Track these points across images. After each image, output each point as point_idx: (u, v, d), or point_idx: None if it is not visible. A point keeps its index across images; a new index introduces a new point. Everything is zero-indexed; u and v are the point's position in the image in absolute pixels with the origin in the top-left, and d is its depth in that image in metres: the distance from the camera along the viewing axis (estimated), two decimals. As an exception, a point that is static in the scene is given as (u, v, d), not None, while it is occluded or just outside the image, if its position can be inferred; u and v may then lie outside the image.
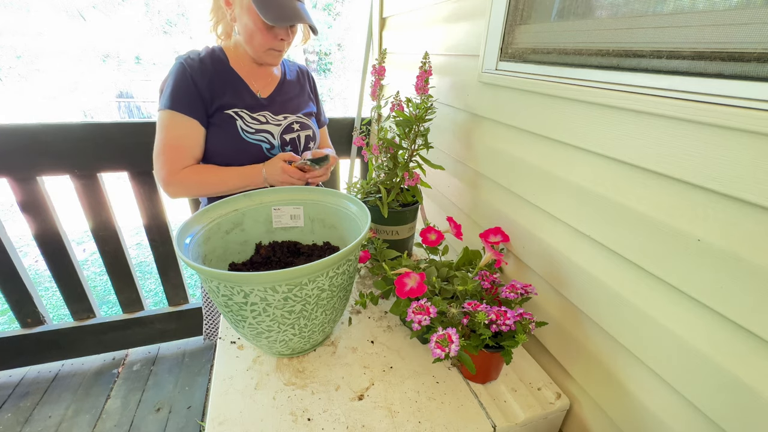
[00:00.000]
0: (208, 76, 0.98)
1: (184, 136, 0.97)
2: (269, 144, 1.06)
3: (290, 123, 1.10)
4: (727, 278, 0.46)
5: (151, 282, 3.67)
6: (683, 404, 0.54)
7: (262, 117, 1.05)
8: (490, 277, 0.79)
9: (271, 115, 1.07)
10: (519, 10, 0.79)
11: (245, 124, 1.02)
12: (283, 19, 0.89)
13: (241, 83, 1.04)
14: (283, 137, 1.09)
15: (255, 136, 1.03)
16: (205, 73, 0.98)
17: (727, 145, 0.44)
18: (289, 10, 0.91)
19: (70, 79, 10.22)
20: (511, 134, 0.86)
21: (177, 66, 0.97)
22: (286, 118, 1.10)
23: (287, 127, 1.09)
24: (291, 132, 1.10)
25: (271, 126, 1.06)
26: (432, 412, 0.69)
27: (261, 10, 0.87)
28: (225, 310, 0.66)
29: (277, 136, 1.07)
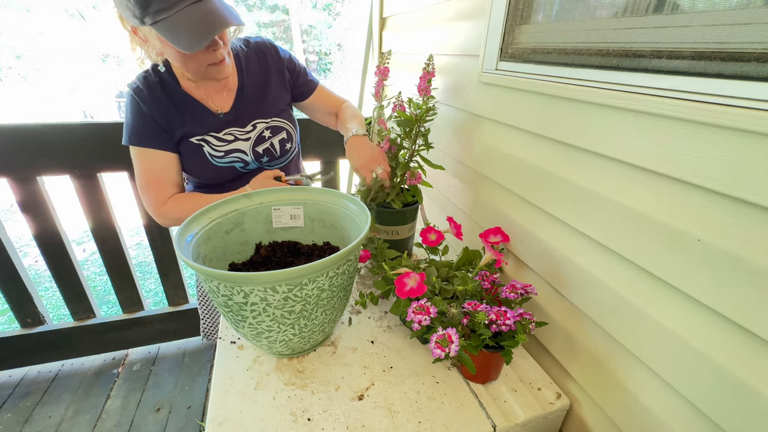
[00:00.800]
0: (162, 107, 0.92)
1: (158, 169, 0.95)
2: (242, 162, 1.01)
3: (260, 132, 1.02)
4: (727, 278, 0.46)
5: (151, 282, 3.67)
6: (683, 404, 0.54)
7: (230, 135, 0.99)
8: (490, 277, 0.79)
9: (238, 129, 1.00)
10: (519, 10, 0.79)
11: (213, 149, 0.97)
12: (200, 41, 0.77)
13: (198, 106, 0.96)
14: (256, 150, 1.02)
15: (224, 160, 0.99)
16: (158, 103, 0.91)
17: (727, 145, 0.44)
18: (202, 25, 0.77)
19: (70, 79, 10.22)
20: (511, 134, 0.86)
21: (129, 99, 0.91)
22: (255, 126, 1.02)
23: (258, 138, 1.02)
24: (263, 142, 1.03)
25: (240, 143, 1.00)
26: (432, 412, 0.69)
27: (174, 42, 0.77)
28: (225, 310, 0.66)
29: (249, 151, 1.01)
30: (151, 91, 0.91)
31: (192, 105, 0.95)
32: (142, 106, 0.90)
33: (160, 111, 0.92)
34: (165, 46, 0.81)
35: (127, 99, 0.91)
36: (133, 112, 0.91)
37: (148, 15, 0.75)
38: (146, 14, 0.75)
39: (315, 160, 1.69)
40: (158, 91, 0.92)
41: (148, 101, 0.91)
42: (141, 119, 0.91)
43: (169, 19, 0.76)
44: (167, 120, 0.93)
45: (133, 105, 0.91)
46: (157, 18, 0.75)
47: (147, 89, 0.91)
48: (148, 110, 0.91)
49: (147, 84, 0.92)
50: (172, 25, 0.76)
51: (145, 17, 0.75)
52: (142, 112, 0.90)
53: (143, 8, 0.74)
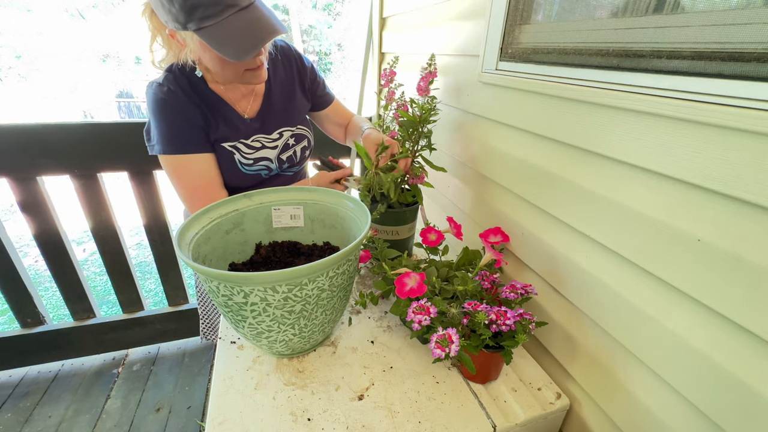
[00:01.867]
0: (195, 107, 0.87)
1: (206, 172, 0.90)
2: (268, 170, 1.00)
3: (286, 141, 1.01)
4: (727, 278, 0.46)
5: (151, 282, 3.67)
6: (683, 404, 0.54)
7: (257, 143, 0.97)
8: (490, 277, 0.79)
9: (265, 136, 0.98)
10: (519, 10, 0.79)
11: (243, 157, 0.95)
12: (248, 50, 0.75)
13: (228, 109, 0.93)
14: (281, 158, 1.01)
15: (253, 167, 0.97)
16: (191, 103, 0.87)
17: (727, 145, 0.44)
18: (251, 31, 0.74)
19: (70, 79, 10.22)
20: (511, 134, 0.86)
21: (159, 103, 0.84)
22: (281, 135, 1.00)
23: (284, 146, 1.01)
24: (287, 150, 1.02)
25: (267, 151, 0.98)
26: (432, 412, 0.69)
27: (221, 51, 0.74)
28: (225, 310, 0.66)
29: (275, 159, 1.00)
30: (185, 93, 0.86)
31: (223, 107, 0.92)
32: (176, 107, 0.85)
33: (197, 112, 0.87)
34: (205, 51, 0.79)
35: (155, 103, 0.84)
36: (168, 117, 0.85)
37: (193, 21, 0.71)
38: (190, 20, 0.71)
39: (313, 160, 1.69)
40: (188, 92, 0.87)
41: (184, 103, 0.86)
42: (179, 123, 0.86)
43: (214, 27, 0.72)
44: (205, 120, 0.89)
45: (166, 109, 0.84)
46: (202, 24, 0.72)
47: (180, 90, 0.86)
48: (183, 112, 0.86)
49: (178, 85, 0.86)
50: (217, 33, 0.73)
51: (188, 23, 0.72)
52: (179, 115, 0.85)
53: (188, 14, 0.70)
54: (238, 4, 0.73)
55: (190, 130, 0.87)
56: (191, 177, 0.90)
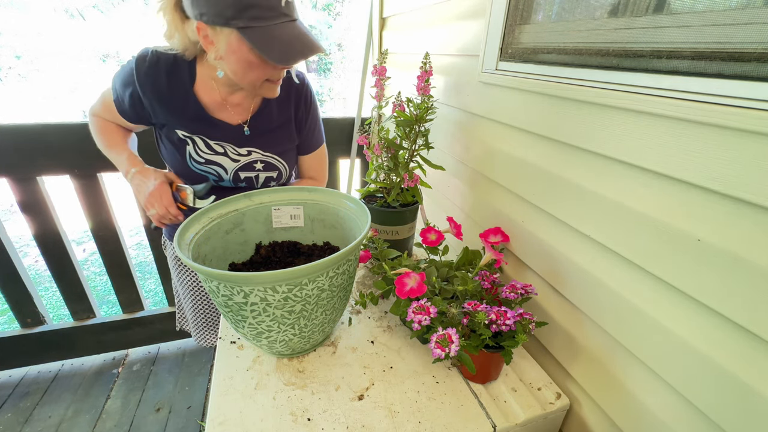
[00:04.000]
0: (157, 91, 0.86)
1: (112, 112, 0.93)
2: (217, 176, 0.96)
3: (252, 161, 0.96)
4: (727, 278, 0.46)
5: (151, 282, 3.67)
6: (683, 404, 0.54)
7: (220, 147, 0.93)
8: (490, 277, 0.79)
9: (233, 147, 0.94)
10: (519, 10, 0.79)
11: (196, 152, 0.92)
12: (294, 57, 0.74)
13: (202, 113, 0.90)
14: (238, 173, 0.96)
15: (202, 167, 0.94)
16: (154, 84, 0.86)
17: (727, 145, 0.44)
18: (297, 42, 0.74)
19: (70, 79, 10.22)
20: (511, 134, 0.86)
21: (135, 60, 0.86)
22: (250, 153, 0.95)
23: (246, 165, 0.96)
24: (250, 170, 0.97)
25: (225, 159, 0.94)
26: (432, 412, 0.69)
27: (263, 50, 0.72)
28: (225, 310, 0.66)
29: (230, 171, 0.95)
30: (157, 74, 0.86)
31: (191, 104, 0.90)
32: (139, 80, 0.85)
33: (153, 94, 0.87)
34: (235, 52, 0.76)
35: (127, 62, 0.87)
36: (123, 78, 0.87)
37: (241, 19, 0.70)
38: (239, 17, 0.70)
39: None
40: (162, 77, 0.86)
41: (147, 81, 0.86)
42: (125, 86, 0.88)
43: (264, 29, 0.72)
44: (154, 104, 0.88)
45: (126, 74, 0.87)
46: (251, 24, 0.71)
47: (155, 70, 0.85)
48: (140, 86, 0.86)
49: (157, 65, 0.85)
50: (265, 35, 0.72)
51: (234, 19, 0.70)
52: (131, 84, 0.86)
53: (239, 11, 0.69)
54: (290, 15, 0.75)
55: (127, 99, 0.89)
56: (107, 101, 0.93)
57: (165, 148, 0.96)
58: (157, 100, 0.88)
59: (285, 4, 0.73)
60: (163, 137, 0.94)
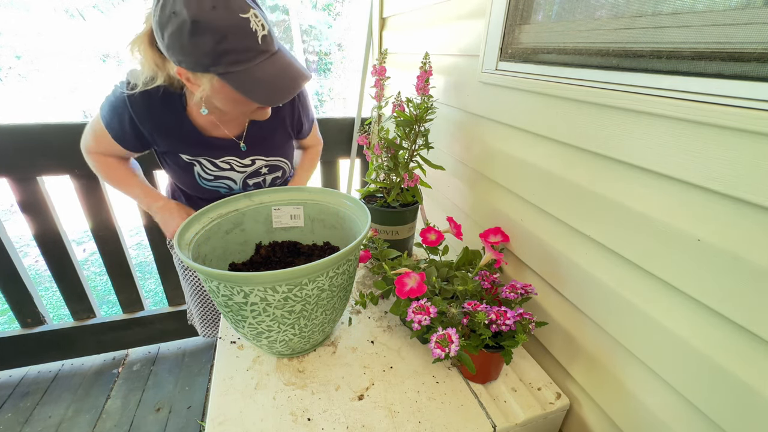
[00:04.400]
0: (153, 122, 0.85)
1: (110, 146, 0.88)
2: (228, 189, 0.99)
3: (258, 168, 0.99)
4: (727, 278, 0.46)
5: (151, 282, 3.67)
6: (683, 404, 0.54)
7: (226, 164, 0.94)
8: (490, 277, 0.79)
9: (237, 159, 0.95)
10: (519, 10, 0.79)
11: (204, 171, 0.93)
12: (281, 96, 0.74)
13: (197, 135, 0.90)
14: (246, 182, 1.00)
15: (212, 183, 0.96)
16: (150, 118, 0.84)
17: (727, 145, 0.44)
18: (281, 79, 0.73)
19: (70, 79, 10.21)
20: (511, 134, 0.86)
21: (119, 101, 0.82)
22: (254, 162, 0.97)
23: (254, 172, 0.99)
24: (257, 176, 1.01)
25: (233, 173, 0.96)
26: (432, 412, 0.69)
27: (248, 95, 0.71)
28: (225, 310, 0.66)
29: (239, 181, 0.99)
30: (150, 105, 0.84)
31: (192, 134, 0.90)
32: (130, 111, 0.83)
33: (150, 126, 0.85)
34: (221, 92, 0.75)
35: (116, 97, 0.82)
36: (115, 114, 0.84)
37: (220, 65, 0.68)
38: (217, 64, 0.68)
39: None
40: (157, 108, 0.84)
41: (141, 112, 0.83)
42: (122, 123, 0.84)
43: (243, 72, 0.70)
44: (153, 134, 0.87)
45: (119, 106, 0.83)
46: (231, 69, 0.69)
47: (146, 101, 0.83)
48: (135, 119, 0.84)
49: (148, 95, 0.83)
50: (246, 78, 0.70)
51: (213, 66, 0.68)
52: (125, 119, 0.84)
53: (216, 58, 0.67)
54: (269, 50, 0.71)
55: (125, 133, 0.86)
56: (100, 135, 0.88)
57: (172, 170, 0.96)
58: (157, 131, 0.87)
59: (261, 40, 0.69)
60: (168, 161, 0.94)
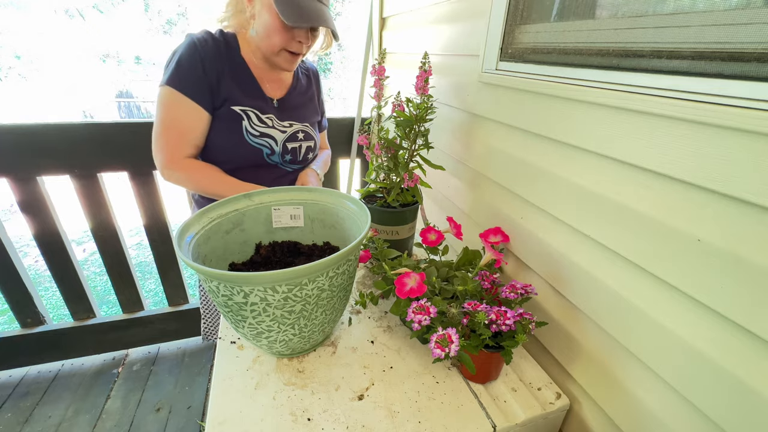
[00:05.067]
0: (220, 63, 0.93)
1: (186, 121, 0.93)
2: (270, 149, 1.04)
3: (295, 131, 1.08)
4: (727, 278, 0.46)
5: (151, 282, 3.67)
6: (683, 404, 0.54)
7: (269, 120, 1.02)
8: (490, 277, 0.79)
9: (277, 120, 1.04)
10: (519, 10, 0.79)
11: (251, 126, 0.99)
12: (303, 20, 0.86)
13: (252, 80, 1.00)
14: (286, 145, 1.07)
15: (258, 140, 1.01)
16: (218, 58, 0.92)
17: (727, 145, 0.44)
18: (312, 11, 0.87)
19: (69, 79, 10.22)
20: (511, 134, 0.86)
21: (187, 43, 0.90)
22: (291, 125, 1.07)
23: (292, 135, 1.07)
24: (294, 141, 1.08)
25: (275, 131, 1.04)
26: (432, 412, 0.68)
27: (281, 9, 0.84)
28: (225, 310, 0.66)
29: (280, 143, 1.05)
30: (216, 45, 0.93)
31: (247, 76, 0.99)
32: (200, 51, 0.90)
33: (217, 66, 0.92)
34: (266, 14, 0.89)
35: (185, 44, 0.90)
36: (185, 57, 0.89)
37: None
38: None
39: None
40: (222, 48, 0.94)
41: (209, 53, 0.91)
42: (191, 65, 0.90)
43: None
44: (219, 78, 0.93)
45: (189, 49, 0.90)
46: None
47: (213, 43, 0.92)
48: (203, 60, 0.90)
49: (213, 39, 0.93)
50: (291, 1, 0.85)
51: None
52: (196, 59, 0.90)
53: None
54: None
55: (198, 78, 0.91)
56: (173, 117, 0.92)
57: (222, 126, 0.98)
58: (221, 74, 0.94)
59: None
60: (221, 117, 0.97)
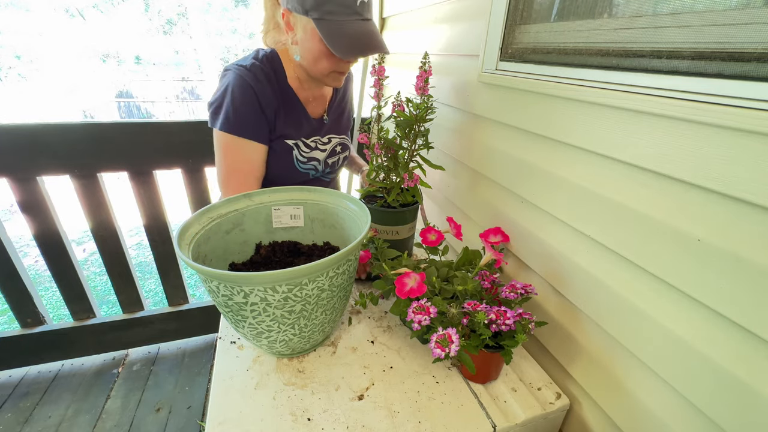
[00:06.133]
0: (274, 100, 0.92)
1: (251, 161, 0.94)
2: (316, 171, 1.07)
3: (334, 147, 1.09)
4: (727, 278, 0.46)
5: (151, 282, 3.67)
6: (683, 404, 0.54)
7: (313, 143, 1.03)
8: (490, 277, 0.79)
9: (320, 139, 1.05)
10: (519, 10, 0.79)
11: (300, 155, 1.01)
12: (355, 51, 0.81)
13: (300, 108, 0.98)
14: (327, 161, 1.08)
15: (306, 166, 1.03)
16: (272, 94, 0.91)
17: (727, 145, 0.44)
18: (362, 37, 0.82)
19: (69, 79, 10.22)
20: (511, 134, 0.86)
21: (238, 81, 0.87)
22: (330, 140, 1.08)
23: (331, 151, 1.08)
24: (334, 155, 1.10)
25: (318, 152, 1.05)
26: (432, 412, 0.69)
27: (330, 43, 0.79)
28: (225, 310, 0.66)
29: (322, 161, 1.06)
30: (267, 81, 0.91)
31: (295, 104, 0.97)
32: (254, 91, 0.88)
33: (273, 105, 0.92)
34: (310, 40, 0.84)
35: (237, 85, 0.87)
36: (244, 99, 0.88)
37: (318, 11, 0.78)
38: (316, 9, 0.78)
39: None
40: (272, 83, 0.92)
41: (264, 91, 0.89)
42: (249, 108, 0.89)
43: (334, 23, 0.80)
44: (275, 116, 0.93)
45: (242, 89, 0.87)
46: (325, 17, 0.79)
47: (264, 78, 0.90)
48: (259, 100, 0.89)
49: (262, 72, 0.90)
50: (336, 29, 0.80)
51: (312, 11, 0.79)
52: (252, 100, 0.88)
53: (317, 4, 0.78)
54: (362, 15, 0.83)
55: (257, 120, 0.91)
56: (236, 160, 0.93)
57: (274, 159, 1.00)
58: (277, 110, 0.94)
59: (360, 4, 0.80)
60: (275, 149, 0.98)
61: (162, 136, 1.39)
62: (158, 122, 1.38)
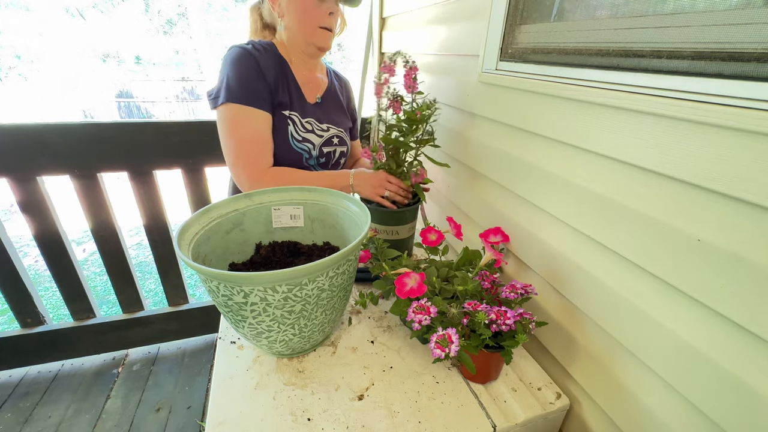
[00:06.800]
0: (274, 69, 0.94)
1: (260, 130, 0.93)
2: (309, 154, 1.04)
3: (331, 136, 1.08)
4: (727, 278, 0.46)
5: (151, 282, 3.67)
6: (683, 404, 0.54)
7: (309, 124, 1.03)
8: (490, 277, 0.79)
9: (316, 123, 1.05)
10: (519, 10, 0.79)
11: (296, 130, 1.00)
12: None
13: (295, 83, 1.01)
14: (322, 149, 1.06)
15: (300, 144, 1.02)
16: (273, 63, 0.94)
17: (727, 145, 0.44)
18: None
19: (70, 79, 10.22)
20: (511, 134, 0.86)
21: (240, 53, 0.90)
22: (328, 129, 1.08)
23: (328, 140, 1.07)
24: (330, 145, 1.08)
25: (314, 136, 1.04)
26: (432, 412, 0.69)
27: None
28: (225, 310, 0.66)
29: (317, 147, 1.05)
30: (266, 53, 0.94)
31: (291, 79, 1.00)
32: (257, 59, 0.91)
33: (269, 70, 0.93)
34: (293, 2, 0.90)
35: (236, 56, 0.90)
36: (243, 67, 0.90)
37: None
38: None
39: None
40: (270, 55, 0.95)
41: (263, 58, 0.92)
42: (253, 75, 0.90)
43: None
44: (275, 83, 0.95)
45: (244, 58, 0.90)
46: None
47: (262, 50, 0.94)
48: (261, 66, 0.91)
49: (261, 46, 0.95)
50: None
51: None
52: (255, 67, 0.90)
53: None
54: None
55: (259, 85, 0.92)
56: (245, 131, 0.92)
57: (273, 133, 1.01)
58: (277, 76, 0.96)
59: None
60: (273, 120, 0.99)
61: (162, 136, 1.39)
62: (158, 122, 1.38)
